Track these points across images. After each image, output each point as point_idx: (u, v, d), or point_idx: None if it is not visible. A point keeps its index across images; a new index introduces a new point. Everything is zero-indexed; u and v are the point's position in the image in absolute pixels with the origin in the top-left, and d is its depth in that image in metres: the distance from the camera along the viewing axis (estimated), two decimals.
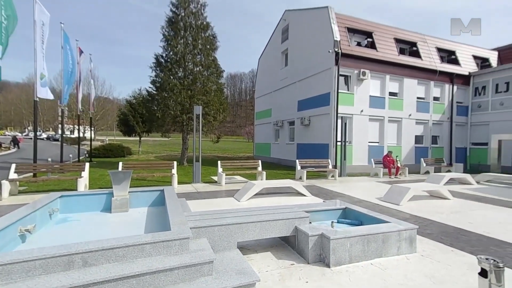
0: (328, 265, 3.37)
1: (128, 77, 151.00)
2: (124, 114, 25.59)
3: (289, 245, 4.01)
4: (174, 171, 8.88)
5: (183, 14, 14.44)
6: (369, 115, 14.36)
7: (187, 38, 14.43)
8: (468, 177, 10.56)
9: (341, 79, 13.79)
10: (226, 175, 9.54)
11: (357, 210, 4.91)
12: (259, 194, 7.50)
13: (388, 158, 12.37)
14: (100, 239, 2.57)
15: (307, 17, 15.88)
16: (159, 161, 14.02)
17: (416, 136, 15.93)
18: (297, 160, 11.02)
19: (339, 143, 12.73)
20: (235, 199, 7.08)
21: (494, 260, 2.30)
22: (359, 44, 14.62)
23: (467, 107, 17.33)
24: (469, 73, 17.19)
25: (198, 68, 14.62)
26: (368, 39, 14.65)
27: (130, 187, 4.79)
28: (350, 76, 13.95)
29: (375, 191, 8.60)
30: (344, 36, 13.68)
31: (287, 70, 17.92)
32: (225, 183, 9.29)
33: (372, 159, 12.90)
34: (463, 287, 2.94)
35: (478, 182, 10.87)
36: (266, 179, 9.72)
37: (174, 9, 14.58)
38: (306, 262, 3.49)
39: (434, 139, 16.66)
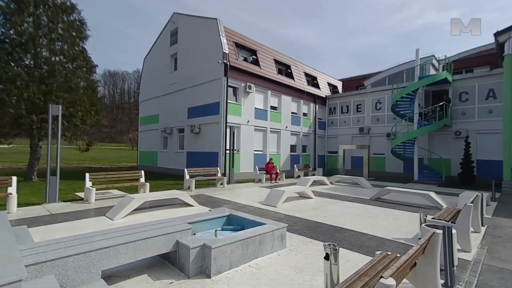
0: (209, 276, 3.32)
1: None
2: None
3: (170, 262, 3.71)
4: (13, 189, 6.59)
5: None
6: (255, 126, 15.80)
7: (39, 17, 11.23)
8: (325, 179, 13.31)
9: (230, 90, 14.58)
10: (98, 189, 8.00)
11: (240, 216, 5.16)
12: (140, 209, 6.69)
13: (269, 165, 13.93)
14: None
15: (197, 24, 15.98)
16: None
17: (291, 145, 18.80)
18: (185, 169, 10.65)
19: (228, 152, 13.27)
20: (107, 217, 5.99)
21: (333, 245, 2.89)
22: (245, 59, 15.98)
23: (325, 123, 22.05)
24: (326, 96, 22.03)
25: (57, 58, 11.68)
26: (253, 56, 16.28)
27: None
28: (238, 88, 14.95)
29: (258, 196, 9.40)
30: (232, 50, 14.61)
31: (177, 75, 17.30)
32: (95, 200, 7.75)
33: (256, 166, 14.17)
34: (316, 271, 3.55)
35: (331, 183, 13.86)
36: (151, 191, 8.83)
37: None
38: (186, 277, 3.31)
39: (304, 148, 20.17)
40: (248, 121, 15.33)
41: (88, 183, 7.85)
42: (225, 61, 13.66)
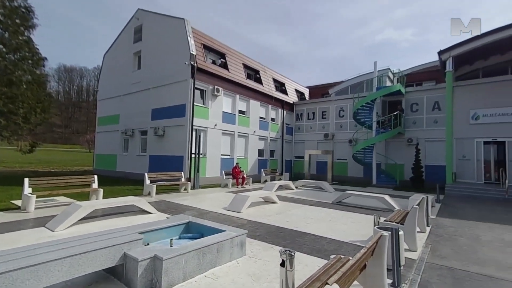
0: None
1: None
2: None
3: (116, 277, 3.39)
4: None
5: None
6: (222, 130, 15.59)
7: None
8: (290, 183, 13.54)
9: (197, 92, 14.24)
10: (40, 196, 7.16)
11: (199, 223, 4.95)
12: (89, 218, 6.11)
13: (236, 170, 13.80)
14: None
15: (163, 23, 15.43)
16: None
17: (259, 150, 18.88)
18: (146, 174, 10.07)
19: (193, 156, 12.88)
20: (47, 229, 5.35)
21: (289, 251, 2.86)
22: (214, 62, 15.78)
23: (292, 128, 22.59)
24: (293, 102, 22.63)
25: None
26: (222, 60, 16.14)
27: None
28: (205, 90, 14.67)
29: (222, 201, 9.20)
30: (200, 51, 14.34)
31: (141, 74, 16.47)
32: (36, 209, 6.88)
33: (223, 171, 13.95)
34: (274, 277, 3.50)
35: (296, 187, 14.15)
36: (106, 197, 8.16)
37: None
38: None
39: (272, 153, 20.40)
40: (216, 125, 15.08)
41: (27, 190, 6.96)
42: (192, 63, 13.33)
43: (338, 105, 20.24)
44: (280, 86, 22.34)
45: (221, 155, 15.55)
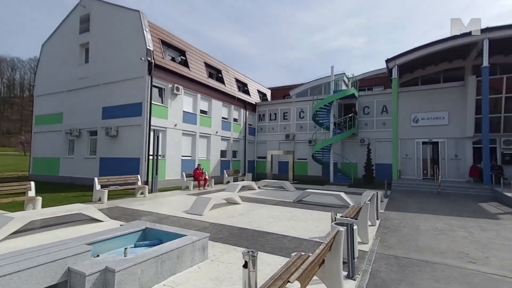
0: None
1: None
2: None
3: None
4: None
5: None
6: (183, 130, 15.03)
7: None
8: (253, 184, 13.63)
9: (155, 90, 13.50)
10: None
11: (157, 229, 4.69)
12: (25, 231, 5.35)
13: (197, 171, 13.42)
14: None
15: (115, 14, 14.27)
16: None
17: (221, 151, 18.64)
18: (95, 178, 9.19)
19: (151, 157, 12.17)
20: None
21: (252, 251, 2.85)
22: (173, 59, 15.13)
23: (255, 129, 22.81)
24: (256, 103, 22.87)
25: None
26: (182, 57, 15.56)
27: None
28: (164, 89, 13.98)
29: (183, 205, 8.86)
30: (158, 47, 13.63)
31: (89, 68, 15.01)
32: None
33: (183, 173, 13.46)
34: (237, 279, 3.46)
35: (259, 187, 14.30)
36: (45, 206, 7.24)
37: None
38: None
39: (234, 154, 20.31)
40: (176, 125, 14.48)
41: None
42: (149, 59, 12.59)
43: (299, 107, 21.03)
44: (243, 87, 22.40)
45: (182, 156, 14.99)
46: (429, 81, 17.72)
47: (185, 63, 15.58)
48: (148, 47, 12.67)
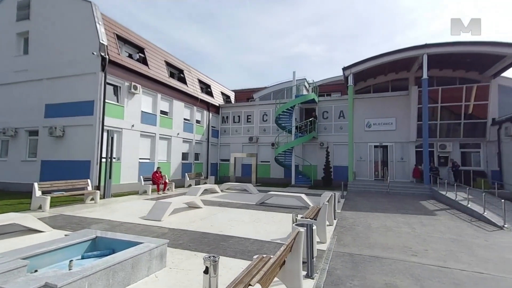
0: None
1: None
2: None
3: None
4: None
5: None
6: (141, 131, 14.17)
7: None
8: (216, 187, 13.41)
9: (110, 88, 12.52)
10: None
11: (109, 237, 4.32)
12: None
13: (157, 175, 12.75)
14: None
15: (62, 3, 12.86)
16: None
17: (183, 153, 18.00)
18: (35, 184, 8.12)
19: (105, 160, 11.21)
20: None
21: (213, 257, 2.78)
22: (130, 56, 14.22)
23: (218, 131, 22.53)
24: (219, 105, 22.63)
25: None
26: (140, 54, 14.70)
27: None
28: (120, 87, 13.04)
29: (140, 210, 8.33)
30: (113, 42, 12.69)
31: (29, 60, 13.28)
32: None
33: (141, 176, 12.68)
34: (196, 287, 3.35)
35: (222, 191, 14.12)
36: None
37: None
38: None
39: (196, 156, 19.77)
40: (133, 126, 13.58)
41: None
42: (102, 54, 11.63)
43: (262, 110, 21.35)
44: (206, 88, 22.00)
45: (140, 159, 14.10)
46: (380, 90, 19.43)
47: (144, 61, 14.75)
48: (101, 41, 11.70)
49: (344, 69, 16.75)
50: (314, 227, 4.02)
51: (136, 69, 13.61)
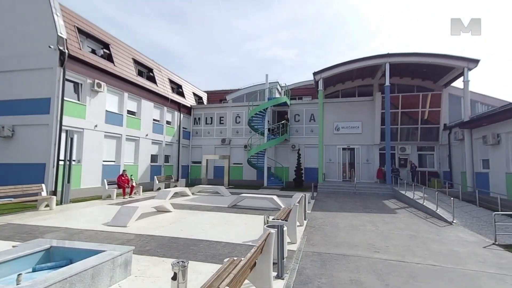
0: None
1: None
2: None
3: None
4: None
5: None
6: (105, 132, 13.31)
7: None
8: (186, 190, 13.04)
9: (70, 85, 11.60)
10: None
11: (66, 247, 3.98)
12: None
13: (122, 178, 12.06)
14: None
15: None
16: None
17: (152, 155, 17.25)
18: None
19: (63, 163, 10.33)
20: None
21: (182, 262, 2.69)
22: (94, 52, 13.33)
23: (190, 132, 21.98)
24: (191, 105, 22.11)
25: None
26: (105, 50, 13.84)
27: None
28: (81, 84, 12.14)
29: (103, 216, 7.80)
30: (74, 36, 11.79)
31: None
32: None
33: (105, 180, 11.90)
34: None
35: (193, 193, 13.77)
36: None
37: None
38: None
39: (167, 158, 19.08)
40: (96, 126, 12.71)
41: None
42: (61, 48, 10.74)
43: (235, 112, 21.28)
44: (177, 88, 21.39)
45: (104, 161, 13.22)
46: (348, 95, 20.45)
47: (109, 58, 13.91)
48: (59, 34, 10.79)
49: (315, 74, 17.36)
50: (285, 228, 4.08)
51: (100, 65, 12.77)
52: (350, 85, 20.59)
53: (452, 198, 8.59)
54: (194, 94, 24.19)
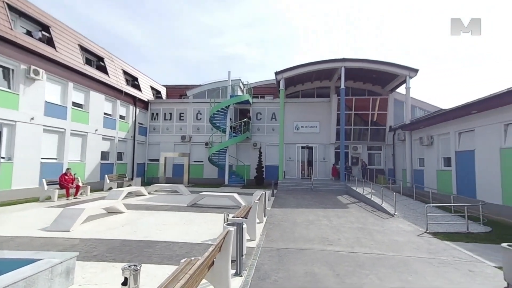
0: None
1: None
2: None
3: None
4: None
5: None
6: (44, 125, 11.80)
7: None
8: (142, 189, 12.28)
9: None
10: None
11: None
12: None
13: (66, 177, 10.85)
14: None
15: None
16: None
17: (102, 152, 15.83)
18: None
19: None
20: None
21: (134, 265, 2.51)
22: (30, 34, 11.69)
23: (146, 128, 20.72)
24: (148, 100, 20.85)
25: None
26: (44, 33, 12.22)
27: None
28: (13, 70, 10.56)
29: (41, 220, 6.92)
30: (3, 14, 10.18)
31: None
32: None
33: (43, 180, 10.57)
34: None
35: (149, 193, 13.03)
36: None
37: None
38: None
39: (120, 156, 17.70)
40: (33, 119, 11.20)
41: None
42: None
43: (196, 108, 20.68)
44: (133, 81, 19.97)
45: (42, 158, 11.73)
46: (307, 95, 21.35)
47: (49, 42, 12.32)
48: None
49: (277, 73, 17.74)
50: (244, 226, 4.08)
51: (37, 49, 11.23)
52: (309, 86, 21.52)
53: (394, 193, 9.56)
54: (152, 88, 22.86)
